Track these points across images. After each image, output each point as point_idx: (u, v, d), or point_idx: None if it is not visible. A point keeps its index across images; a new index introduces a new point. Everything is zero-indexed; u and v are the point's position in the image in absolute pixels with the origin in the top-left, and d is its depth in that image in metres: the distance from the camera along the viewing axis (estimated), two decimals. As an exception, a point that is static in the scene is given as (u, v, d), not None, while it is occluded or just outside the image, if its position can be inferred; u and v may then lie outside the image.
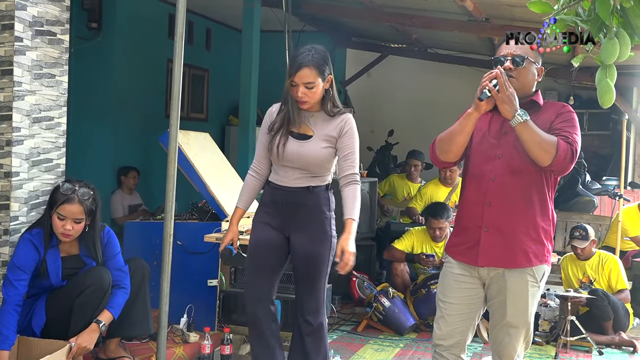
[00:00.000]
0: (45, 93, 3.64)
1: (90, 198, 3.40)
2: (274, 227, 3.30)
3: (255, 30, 6.38)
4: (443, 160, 2.89)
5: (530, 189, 2.76)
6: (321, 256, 3.25)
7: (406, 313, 5.18)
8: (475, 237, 2.80)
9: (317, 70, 3.15)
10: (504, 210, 2.76)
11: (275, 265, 3.33)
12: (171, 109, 3.54)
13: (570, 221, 6.85)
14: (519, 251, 2.77)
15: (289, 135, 3.23)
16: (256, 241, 3.32)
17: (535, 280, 2.80)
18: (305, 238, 3.25)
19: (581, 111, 9.63)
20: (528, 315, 2.81)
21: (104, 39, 6.83)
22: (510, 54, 2.77)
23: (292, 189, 3.25)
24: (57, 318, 3.40)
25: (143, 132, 7.24)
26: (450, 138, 2.79)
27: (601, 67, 2.14)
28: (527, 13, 4.69)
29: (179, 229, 4.29)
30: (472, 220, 2.82)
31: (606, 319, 5.06)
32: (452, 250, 2.93)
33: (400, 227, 6.30)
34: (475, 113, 2.71)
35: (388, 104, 10.58)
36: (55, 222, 3.35)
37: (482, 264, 2.79)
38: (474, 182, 2.83)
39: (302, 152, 3.21)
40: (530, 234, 2.77)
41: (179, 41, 3.47)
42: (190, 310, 4.30)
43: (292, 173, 3.25)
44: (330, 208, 3.32)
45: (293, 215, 3.26)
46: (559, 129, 2.71)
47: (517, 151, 2.73)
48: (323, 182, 3.31)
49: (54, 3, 3.66)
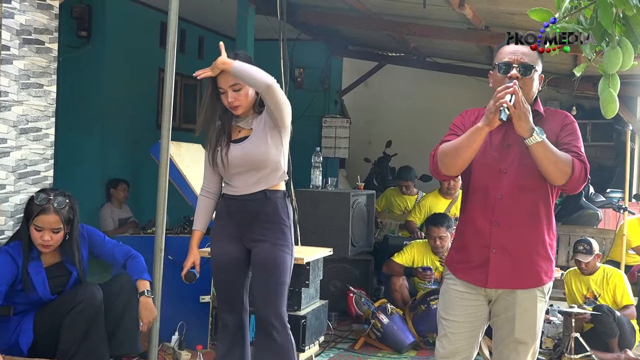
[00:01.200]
0: (32, 103, 3.65)
1: (66, 206, 3.41)
2: (232, 238, 3.32)
3: (249, 38, 6.40)
4: (445, 174, 2.83)
5: (538, 205, 2.74)
6: (283, 264, 3.26)
7: (405, 330, 5.17)
8: (482, 257, 2.76)
9: None
10: (513, 230, 2.73)
11: (239, 277, 3.37)
12: (163, 119, 3.55)
13: (573, 235, 6.86)
14: (530, 271, 2.75)
15: (230, 143, 3.28)
16: (216, 257, 3.37)
17: (544, 295, 2.80)
18: (266, 247, 3.26)
19: (584, 121, 9.66)
20: (536, 331, 2.80)
21: (93, 47, 6.83)
22: (517, 60, 2.68)
23: (248, 198, 3.26)
24: (46, 336, 3.39)
25: (133, 144, 7.23)
26: (456, 153, 2.71)
27: (604, 76, 2.15)
28: (528, 21, 4.72)
29: (171, 244, 4.28)
30: (478, 239, 2.78)
31: (611, 336, 5.05)
32: (454, 268, 2.88)
33: (398, 241, 6.31)
34: (487, 128, 2.61)
35: (386, 114, 10.61)
36: (33, 234, 3.35)
37: (491, 285, 2.76)
38: (479, 199, 2.78)
39: (246, 151, 3.23)
40: (540, 251, 2.76)
41: (171, 50, 3.48)
42: (182, 327, 4.29)
43: (244, 178, 3.26)
44: (288, 216, 3.33)
45: (251, 226, 3.28)
46: (567, 144, 2.69)
47: (524, 167, 2.69)
48: (278, 185, 3.31)
49: (42, 11, 3.68)
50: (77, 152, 6.70)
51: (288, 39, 5.74)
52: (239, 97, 3.23)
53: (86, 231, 3.62)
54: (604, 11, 1.99)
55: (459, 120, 2.87)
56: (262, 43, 6.98)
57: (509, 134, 2.68)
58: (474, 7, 5.41)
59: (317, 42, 8.72)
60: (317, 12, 7.10)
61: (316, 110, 8.91)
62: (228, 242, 3.32)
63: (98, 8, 6.86)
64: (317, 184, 5.76)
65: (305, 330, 4.24)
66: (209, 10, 7.64)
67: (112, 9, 6.95)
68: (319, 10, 7.07)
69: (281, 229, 3.28)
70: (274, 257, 3.25)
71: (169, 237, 4.28)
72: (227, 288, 3.37)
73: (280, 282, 3.27)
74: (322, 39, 8.76)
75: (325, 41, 8.85)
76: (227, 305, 3.39)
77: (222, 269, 3.35)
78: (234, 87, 3.22)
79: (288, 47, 5.54)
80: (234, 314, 3.38)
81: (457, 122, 2.87)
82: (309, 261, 4.35)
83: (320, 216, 5.57)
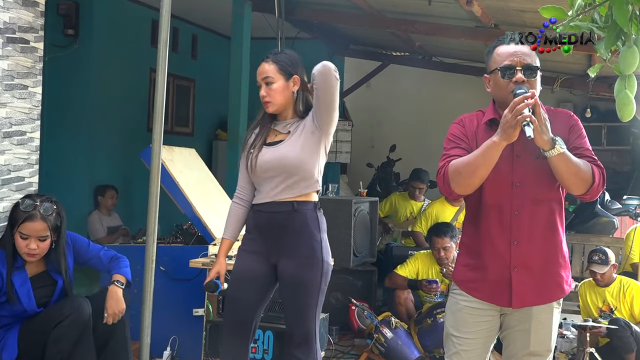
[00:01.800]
0: (16, 105, 3.65)
1: (53, 213, 3.41)
2: (258, 254, 3.27)
3: (245, 37, 6.41)
4: (459, 194, 2.75)
5: (554, 215, 2.74)
6: (311, 283, 3.21)
7: (410, 345, 5.16)
8: (502, 277, 2.74)
9: (276, 66, 3.23)
10: (533, 246, 2.72)
11: (257, 299, 3.30)
12: (154, 122, 3.55)
13: (588, 244, 6.84)
14: (553, 285, 2.77)
15: (263, 146, 3.27)
16: (238, 271, 3.31)
17: (559, 305, 2.82)
18: (293, 264, 3.22)
19: (599, 124, 9.70)
20: (551, 342, 2.82)
21: (81, 46, 6.85)
22: (521, 62, 2.65)
23: (275, 210, 3.22)
24: (31, 351, 3.38)
25: (123, 148, 7.24)
26: (472, 171, 2.64)
27: (620, 77, 2.15)
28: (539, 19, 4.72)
29: (162, 254, 4.29)
30: (497, 259, 2.74)
31: (629, 351, 5.04)
32: (468, 287, 2.83)
33: (403, 250, 6.30)
34: (504, 143, 2.55)
35: (389, 116, 10.62)
36: (18, 242, 3.35)
37: (517, 305, 2.75)
38: (494, 216, 2.74)
39: (278, 153, 3.22)
40: (560, 262, 2.78)
41: (163, 49, 3.49)
42: (174, 342, 4.29)
43: (271, 184, 3.23)
44: (320, 229, 3.27)
45: (279, 240, 3.24)
46: (578, 148, 2.68)
47: (536, 179, 2.68)
48: (308, 195, 3.25)
49: (27, 8, 3.68)
50: (64, 157, 6.71)
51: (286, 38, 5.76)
52: (270, 91, 3.23)
53: (70, 238, 3.62)
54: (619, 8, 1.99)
55: (458, 130, 2.81)
56: (259, 42, 6.99)
57: (516, 144, 2.62)
58: (482, 4, 5.42)
59: (317, 41, 8.74)
60: (317, 10, 7.12)
61: (316, 112, 8.89)
62: (253, 259, 3.27)
63: (86, 5, 6.87)
64: (317, 191, 5.75)
65: (304, 346, 4.23)
66: (203, 7, 7.66)
67: (100, 6, 6.97)
68: (319, 8, 7.09)
69: (310, 244, 3.22)
70: (301, 276, 3.20)
71: (161, 246, 4.28)
72: (237, 307, 3.29)
73: (308, 302, 3.22)
74: (323, 38, 8.77)
75: (325, 40, 8.86)
76: (234, 328, 3.31)
77: (239, 285, 3.28)
78: (266, 79, 3.23)
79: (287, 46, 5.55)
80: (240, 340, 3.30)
81: (456, 133, 2.81)
82: (309, 272, 4.34)
83: (320, 224, 5.56)
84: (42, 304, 3.48)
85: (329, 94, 3.12)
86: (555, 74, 7.53)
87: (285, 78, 3.23)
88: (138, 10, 7.50)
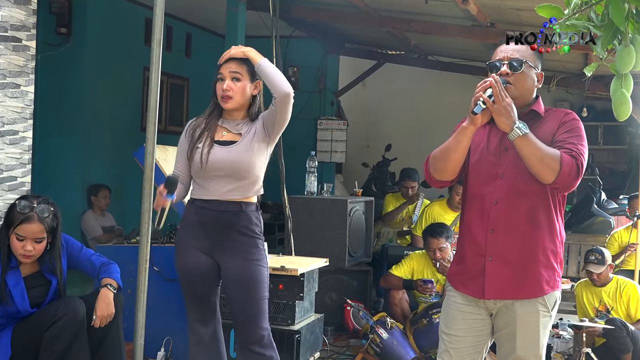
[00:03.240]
0: (9, 105, 3.64)
1: (50, 215, 3.41)
2: (202, 250, 3.34)
3: (239, 35, 6.40)
4: (438, 179, 2.87)
5: (536, 210, 2.75)
6: (256, 281, 3.30)
7: (406, 345, 5.16)
8: (478, 267, 2.79)
9: (246, 65, 3.30)
10: (510, 237, 2.75)
11: (211, 288, 3.41)
12: (147, 121, 3.54)
13: (584, 244, 6.86)
14: (530, 280, 2.76)
15: (214, 143, 3.30)
16: (186, 268, 3.37)
17: (547, 309, 2.79)
18: (238, 263, 3.29)
19: (595, 124, 9.72)
20: (540, 348, 2.80)
21: (73, 45, 6.84)
22: (507, 57, 2.74)
23: (223, 209, 3.28)
24: (24, 352, 3.38)
25: (116, 147, 7.23)
26: (445, 155, 2.78)
27: (616, 76, 2.16)
28: (535, 17, 4.75)
29: (156, 254, 4.28)
30: (473, 248, 2.81)
31: (625, 351, 5.06)
32: (453, 280, 2.92)
33: (398, 250, 6.30)
34: (471, 127, 2.70)
35: (385, 116, 10.63)
36: (13, 243, 3.35)
37: (489, 296, 2.78)
38: (475, 205, 2.82)
39: (232, 156, 3.26)
40: (540, 259, 2.76)
41: (157, 47, 3.49)
42: (168, 343, 4.28)
43: (221, 184, 3.28)
44: (261, 230, 3.39)
45: (223, 238, 3.30)
46: (562, 141, 2.70)
47: (519, 170, 2.71)
48: (252, 197, 3.35)
49: (19, 6, 3.68)
50: (56, 157, 6.70)
51: (281, 36, 5.76)
52: (234, 87, 3.28)
53: (64, 240, 3.62)
54: (615, 7, 2.00)
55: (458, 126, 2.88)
56: (254, 40, 6.88)
57: (505, 137, 2.70)
58: (478, 3, 5.43)
59: (312, 39, 8.74)
60: (312, 8, 7.12)
61: (311, 111, 8.90)
62: (199, 254, 3.34)
63: (79, 3, 6.87)
64: (312, 191, 5.75)
65: (299, 346, 4.24)
66: (197, 5, 7.65)
67: (93, 4, 6.96)
68: (314, 6, 7.09)
69: (255, 242, 3.33)
70: (251, 272, 3.29)
71: (155, 247, 4.27)
72: (200, 300, 3.40)
73: (261, 298, 3.32)
74: (318, 36, 8.77)
75: (320, 38, 8.87)
76: (200, 317, 3.41)
77: (193, 280, 3.37)
78: (234, 74, 3.29)
79: (281, 45, 5.56)
80: (209, 326, 3.42)
81: (455, 128, 2.88)
82: (304, 272, 4.35)
83: (315, 225, 5.56)
84: (35, 304, 3.48)
85: (286, 113, 3.29)
86: (551, 72, 7.54)
87: (251, 80, 3.32)
88: (131, 9, 7.49)
